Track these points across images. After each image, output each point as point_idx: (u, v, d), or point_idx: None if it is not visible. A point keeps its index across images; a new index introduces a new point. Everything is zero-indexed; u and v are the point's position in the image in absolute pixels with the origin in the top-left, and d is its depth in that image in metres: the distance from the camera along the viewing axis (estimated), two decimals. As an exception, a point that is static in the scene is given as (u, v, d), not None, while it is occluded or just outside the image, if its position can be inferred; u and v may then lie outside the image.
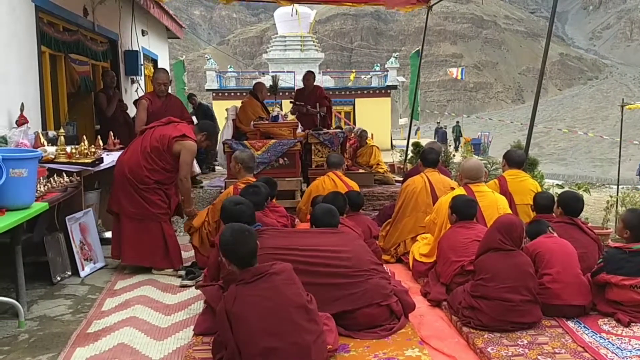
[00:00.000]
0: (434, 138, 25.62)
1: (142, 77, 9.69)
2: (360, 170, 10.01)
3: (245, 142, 6.75)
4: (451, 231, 3.94)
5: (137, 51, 9.36)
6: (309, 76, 8.34)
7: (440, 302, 3.77)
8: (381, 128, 22.85)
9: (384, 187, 9.22)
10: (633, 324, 3.24)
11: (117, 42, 8.86)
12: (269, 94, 7.86)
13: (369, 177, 9.78)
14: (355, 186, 5.24)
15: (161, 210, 4.57)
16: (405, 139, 30.05)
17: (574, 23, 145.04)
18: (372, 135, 19.73)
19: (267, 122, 7.11)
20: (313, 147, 7.58)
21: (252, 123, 7.04)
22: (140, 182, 4.46)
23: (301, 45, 25.92)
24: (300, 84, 24.61)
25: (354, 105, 24.83)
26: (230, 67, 29.80)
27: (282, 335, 2.58)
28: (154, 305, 3.91)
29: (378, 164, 10.37)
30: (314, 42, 26.67)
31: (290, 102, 8.49)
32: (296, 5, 21.30)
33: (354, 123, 23.30)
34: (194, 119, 11.48)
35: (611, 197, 5.07)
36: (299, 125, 7.57)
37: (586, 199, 15.38)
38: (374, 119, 23.09)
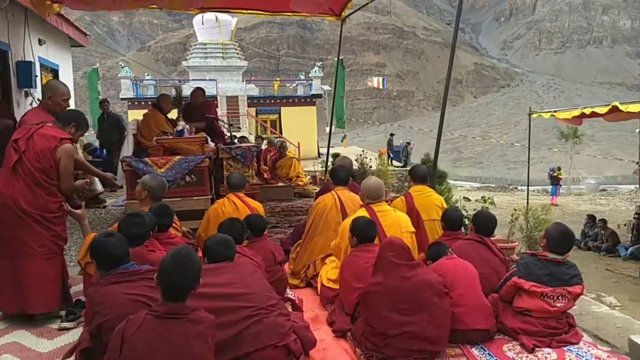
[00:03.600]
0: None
1: (38, 89, 8.90)
2: (280, 184, 9.75)
3: (146, 159, 6.25)
4: (352, 256, 3.73)
5: (31, 62, 8.59)
6: (197, 93, 7.88)
7: (345, 332, 3.54)
8: (308, 136, 22.76)
9: (304, 200, 9.00)
10: (537, 349, 3.15)
11: (8, 53, 8.11)
12: (172, 105, 7.36)
13: (288, 190, 9.53)
14: (259, 208, 4.92)
15: (64, 241, 4.06)
16: (332, 147, 30.18)
17: (487, 34, 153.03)
18: (298, 144, 19.69)
19: (171, 136, 6.65)
20: (225, 163, 7.17)
21: (154, 138, 6.55)
22: (47, 211, 3.87)
23: (223, 52, 25.36)
24: (223, 92, 24.07)
25: (279, 114, 24.61)
26: (147, 75, 28.59)
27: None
28: (24, 355, 3.41)
29: (298, 177, 10.13)
30: (236, 49, 26.18)
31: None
32: (217, 13, 20.81)
33: (280, 132, 23.08)
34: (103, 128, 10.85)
35: (515, 210, 5.08)
36: (208, 140, 7.15)
37: (499, 201, 15.96)
38: (300, 127, 22.99)
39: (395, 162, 23.04)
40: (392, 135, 26.89)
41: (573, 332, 3.28)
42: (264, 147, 11.70)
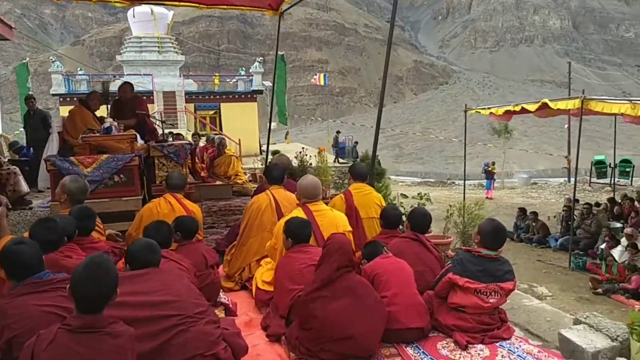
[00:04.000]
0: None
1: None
2: (218, 182, 9.49)
3: (72, 158, 5.89)
4: (286, 258, 3.63)
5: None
6: (124, 88, 7.52)
7: (279, 336, 3.43)
8: (249, 133, 22.48)
9: (243, 199, 8.79)
10: (470, 345, 3.15)
11: None
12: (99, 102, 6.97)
13: (226, 189, 9.29)
14: (196, 210, 4.71)
15: None
16: (275, 143, 29.91)
17: (426, 32, 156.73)
18: (239, 140, 19.37)
19: (98, 134, 6.29)
20: (156, 161, 6.88)
21: (80, 136, 6.18)
22: None
23: (159, 46, 24.63)
24: (159, 88, 23.31)
25: (219, 110, 24.17)
26: (80, 70, 27.35)
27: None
28: None
29: (237, 175, 9.90)
30: (173, 43, 25.47)
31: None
32: (151, 5, 20.15)
33: (220, 129, 22.66)
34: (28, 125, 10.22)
35: (450, 206, 5.13)
36: (138, 137, 6.83)
37: (437, 195, 16.28)
38: (241, 124, 22.68)
39: (341, 160, 23.17)
40: (338, 132, 27.10)
41: (505, 327, 3.32)
42: (202, 144, 11.37)
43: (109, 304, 2.33)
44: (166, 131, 12.26)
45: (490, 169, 22.54)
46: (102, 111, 7.21)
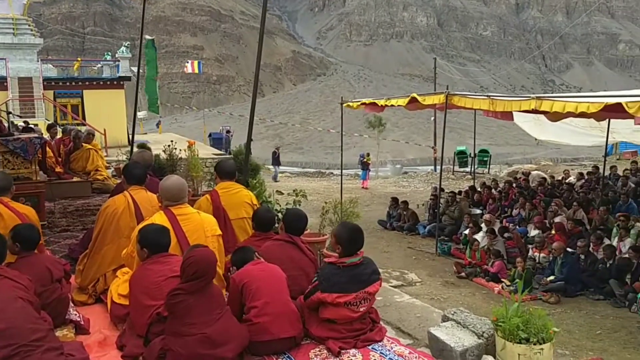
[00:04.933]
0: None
1: None
2: (75, 179, 8.61)
3: None
4: (142, 270, 3.25)
5: None
6: None
7: (136, 356, 3.07)
8: (115, 123, 20.96)
9: (103, 197, 8.04)
10: (343, 350, 3.06)
11: None
12: None
13: (84, 186, 8.47)
14: (31, 215, 4.09)
15: None
16: (146, 133, 28.31)
17: (303, 23, 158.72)
18: (105, 131, 17.95)
19: None
20: (1, 158, 6.11)
21: None
22: None
23: (14, 28, 22.06)
24: (14, 73, 20.88)
25: (82, 97, 22.25)
26: None
27: None
28: None
29: (97, 170, 9.06)
30: (30, 25, 22.93)
31: None
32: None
33: (84, 118, 20.91)
34: None
35: (326, 203, 5.07)
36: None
37: (317, 186, 16.41)
38: (107, 113, 21.08)
39: (218, 152, 22.57)
40: (228, 132, 26.85)
41: (377, 329, 3.27)
42: (59, 135, 10.28)
43: None
44: (20, 122, 10.94)
45: (365, 160, 23.30)
46: None
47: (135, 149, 9.02)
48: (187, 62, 32.16)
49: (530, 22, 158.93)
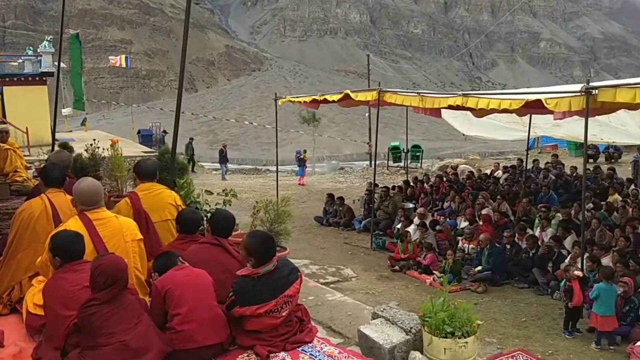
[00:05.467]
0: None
1: None
2: (-10, 181, 8.06)
3: None
4: (55, 279, 3.06)
5: None
6: None
7: (53, 371, 2.89)
8: (38, 120, 19.80)
9: (23, 199, 7.57)
10: (272, 354, 3.01)
11: None
12: None
13: (2, 188, 7.94)
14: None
15: None
16: (71, 131, 26.93)
17: (236, 17, 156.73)
18: (27, 129, 16.95)
19: None
20: None
21: None
22: None
23: None
24: None
25: (1, 94, 20.94)
26: None
27: None
28: None
29: (16, 171, 8.49)
30: (-59, 18, 21.28)
31: None
32: None
33: (4, 116, 19.68)
34: None
35: (257, 202, 4.99)
36: None
37: (252, 184, 16.25)
38: (29, 110, 19.91)
39: (148, 150, 21.87)
40: (165, 132, 26.33)
41: (307, 329, 3.23)
42: None
43: None
44: None
45: (302, 156, 23.31)
46: None
47: (56, 148, 8.51)
48: (114, 56, 30.87)
49: (458, 21, 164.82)
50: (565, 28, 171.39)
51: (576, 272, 6.65)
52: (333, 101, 12.84)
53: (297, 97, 13.91)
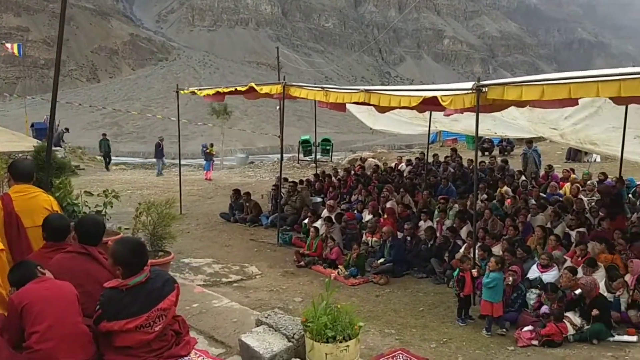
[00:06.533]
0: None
1: None
2: None
3: None
4: None
5: None
6: None
7: None
8: None
9: None
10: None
11: None
12: None
13: None
14: None
15: None
16: (-50, 126, 24.39)
17: (141, 4, 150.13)
18: None
19: None
20: None
21: None
22: None
23: None
24: None
25: None
26: None
27: None
28: None
29: None
30: None
31: None
32: None
33: None
34: None
35: (140, 204, 4.69)
36: None
37: (154, 180, 15.59)
38: None
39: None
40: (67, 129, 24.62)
41: (184, 342, 3.04)
42: None
43: None
44: None
45: (209, 150, 22.69)
46: None
47: None
48: (5, 43, 28.33)
49: (367, 16, 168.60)
50: (466, 26, 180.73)
51: (474, 272, 6.93)
52: (238, 91, 12.54)
53: (200, 88, 13.45)
